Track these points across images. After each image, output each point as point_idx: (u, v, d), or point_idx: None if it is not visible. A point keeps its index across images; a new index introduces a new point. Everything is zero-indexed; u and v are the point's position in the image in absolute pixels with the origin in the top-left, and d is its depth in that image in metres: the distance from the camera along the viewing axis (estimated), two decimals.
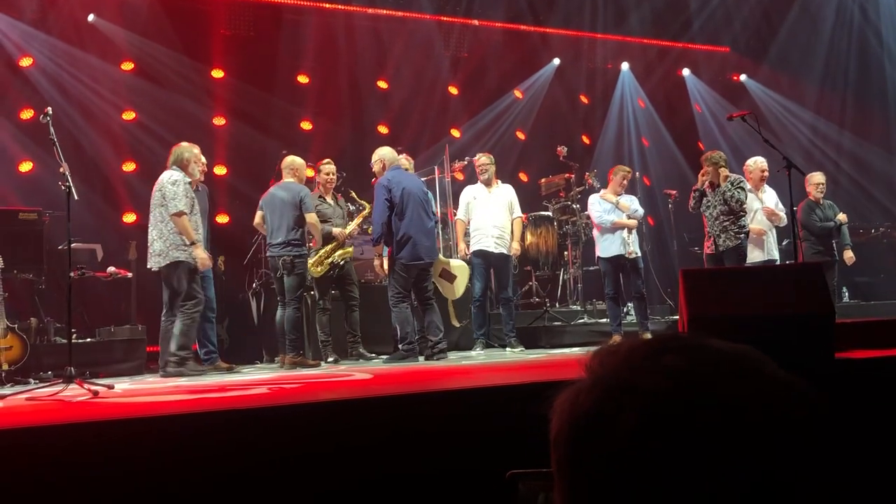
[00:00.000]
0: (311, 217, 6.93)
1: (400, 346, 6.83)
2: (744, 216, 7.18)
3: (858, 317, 8.11)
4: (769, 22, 12.97)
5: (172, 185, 6.42)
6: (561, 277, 9.71)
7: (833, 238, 8.37)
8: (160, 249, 6.42)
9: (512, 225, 7.86)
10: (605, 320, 8.96)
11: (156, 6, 9.83)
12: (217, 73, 10.40)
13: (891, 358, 4.00)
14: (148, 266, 6.64)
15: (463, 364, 6.28)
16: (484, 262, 7.70)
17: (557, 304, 9.49)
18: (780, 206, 7.65)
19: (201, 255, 6.44)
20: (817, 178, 8.46)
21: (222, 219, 10.15)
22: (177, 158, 6.67)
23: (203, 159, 7.07)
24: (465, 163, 9.25)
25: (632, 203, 7.85)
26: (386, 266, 7.04)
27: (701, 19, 12.73)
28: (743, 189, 7.18)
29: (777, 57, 12.98)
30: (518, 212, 8.00)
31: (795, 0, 12.70)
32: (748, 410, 0.73)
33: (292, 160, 7.24)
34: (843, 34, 12.68)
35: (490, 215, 7.72)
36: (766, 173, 7.76)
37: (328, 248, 7.40)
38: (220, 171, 10.25)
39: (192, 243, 6.40)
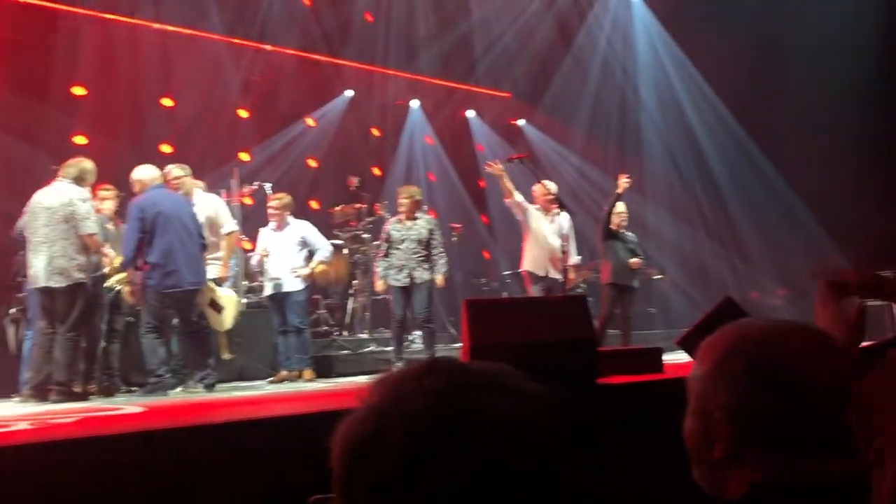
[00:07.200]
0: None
1: (149, 378, 6.19)
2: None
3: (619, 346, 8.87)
4: (545, 71, 14.03)
5: (84, 202, 5.99)
6: (349, 305, 9.76)
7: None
8: (62, 267, 5.87)
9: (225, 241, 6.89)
10: (391, 348, 9.12)
11: None
12: None
13: (645, 383, 4.48)
14: (33, 285, 6.00)
15: (246, 395, 6.14)
16: None
17: (346, 333, 9.52)
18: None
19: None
20: (618, 207, 8.47)
21: None
22: (80, 171, 6.11)
23: None
24: (255, 187, 9.08)
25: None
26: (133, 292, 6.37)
27: (485, 64, 13.51)
28: (439, 228, 7.60)
29: (550, 104, 14.07)
30: (228, 226, 6.98)
31: (568, 52, 13.87)
32: (498, 420, 0.80)
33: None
34: (606, 86, 13.99)
35: None
36: (548, 196, 7.64)
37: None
38: None
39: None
